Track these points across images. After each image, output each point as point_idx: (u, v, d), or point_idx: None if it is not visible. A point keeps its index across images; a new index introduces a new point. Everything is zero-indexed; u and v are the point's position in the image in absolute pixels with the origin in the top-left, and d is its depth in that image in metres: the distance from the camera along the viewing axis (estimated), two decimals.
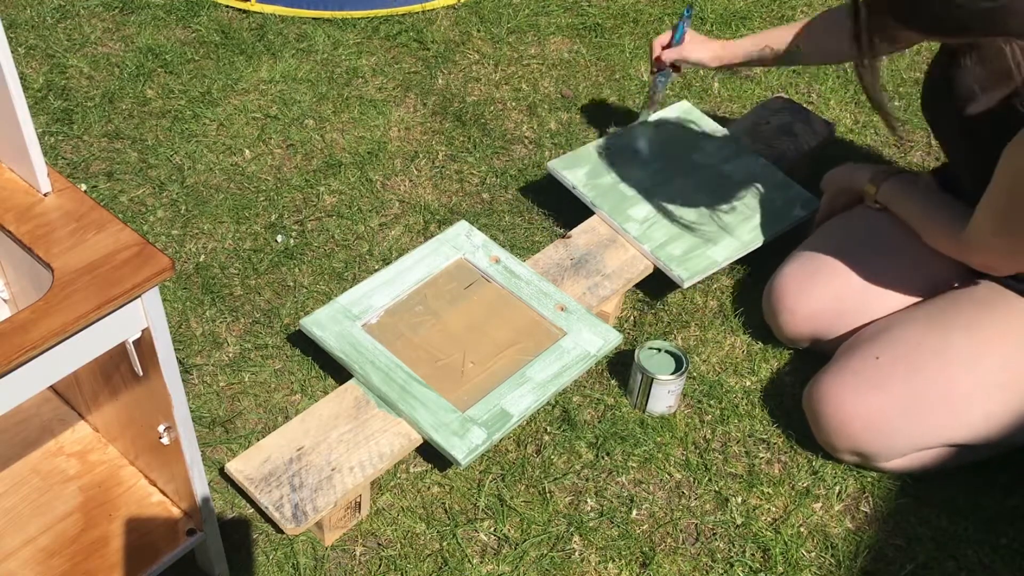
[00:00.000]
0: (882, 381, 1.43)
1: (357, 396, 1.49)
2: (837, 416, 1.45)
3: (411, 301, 1.62)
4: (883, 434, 1.43)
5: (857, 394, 1.44)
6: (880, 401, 1.42)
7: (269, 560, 1.39)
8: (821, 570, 1.41)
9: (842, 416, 1.44)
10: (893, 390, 1.42)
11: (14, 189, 1.01)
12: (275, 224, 1.88)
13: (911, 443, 1.44)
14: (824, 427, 1.47)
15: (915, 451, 1.45)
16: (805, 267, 1.61)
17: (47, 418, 1.34)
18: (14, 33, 2.27)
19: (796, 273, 1.62)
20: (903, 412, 1.41)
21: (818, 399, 1.48)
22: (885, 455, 1.45)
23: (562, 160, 1.84)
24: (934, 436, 1.43)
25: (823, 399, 1.47)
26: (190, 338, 1.67)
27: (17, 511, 1.25)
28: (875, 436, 1.43)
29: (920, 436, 1.43)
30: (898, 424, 1.42)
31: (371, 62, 2.24)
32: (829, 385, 1.47)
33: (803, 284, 1.60)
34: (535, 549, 1.42)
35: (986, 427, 1.41)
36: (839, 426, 1.45)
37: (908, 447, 1.44)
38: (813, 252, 1.62)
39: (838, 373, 1.47)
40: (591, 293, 1.67)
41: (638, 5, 2.45)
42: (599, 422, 1.57)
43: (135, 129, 2.06)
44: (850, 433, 1.44)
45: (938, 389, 1.41)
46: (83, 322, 0.91)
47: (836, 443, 1.47)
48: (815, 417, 1.49)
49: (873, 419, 1.43)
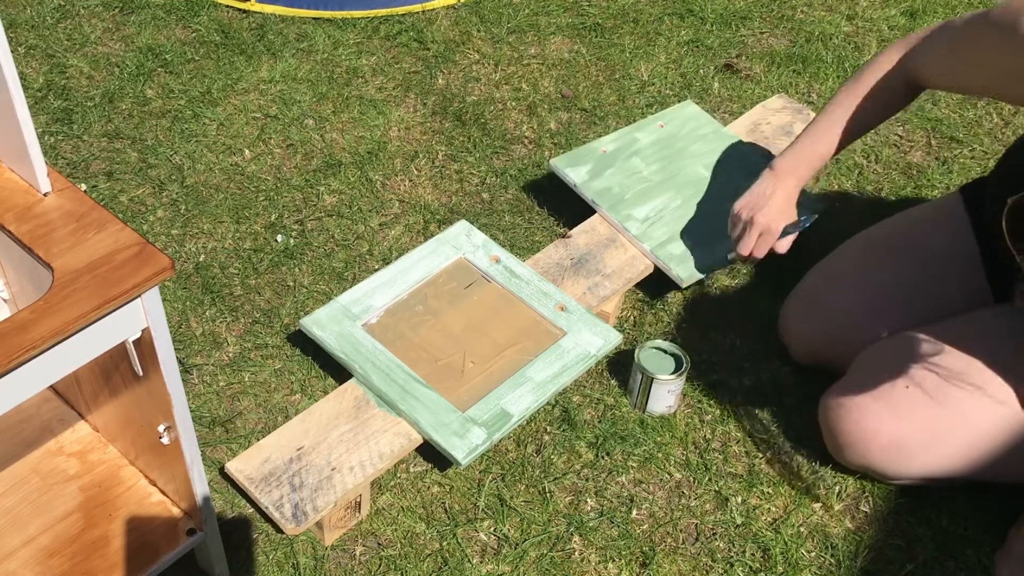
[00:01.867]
0: (911, 411, 1.39)
1: (357, 396, 1.49)
2: (856, 437, 1.42)
3: (411, 301, 1.62)
4: (899, 459, 1.40)
5: (880, 420, 1.40)
6: (905, 430, 1.39)
7: (269, 560, 1.39)
8: (821, 570, 1.41)
9: (861, 438, 1.41)
10: (919, 422, 1.38)
11: (14, 189, 1.01)
12: (275, 224, 1.88)
13: (925, 471, 1.41)
14: (840, 444, 1.44)
15: (925, 478, 1.43)
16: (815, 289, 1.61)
17: (47, 418, 1.34)
18: (14, 33, 2.27)
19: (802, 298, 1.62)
20: (925, 444, 1.38)
21: (838, 417, 1.44)
22: (894, 476, 1.44)
23: (564, 158, 1.84)
24: (949, 468, 1.40)
25: (847, 418, 1.43)
26: (190, 338, 1.67)
27: (17, 511, 1.25)
28: (891, 460, 1.41)
29: (935, 467, 1.41)
30: (917, 453, 1.39)
31: (371, 62, 2.24)
32: (855, 405, 1.43)
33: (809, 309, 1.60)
34: (535, 549, 1.42)
35: (1002, 465, 1.39)
36: (856, 445, 1.42)
37: (922, 474, 1.42)
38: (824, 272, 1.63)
39: (864, 393, 1.43)
40: (591, 293, 1.67)
41: (638, 5, 2.45)
42: (599, 422, 1.57)
43: (135, 129, 2.05)
44: (868, 454, 1.42)
45: (965, 429, 1.37)
46: (83, 322, 0.91)
47: (851, 460, 1.45)
48: (832, 433, 1.46)
49: (893, 446, 1.40)
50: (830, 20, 2.41)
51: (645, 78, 2.23)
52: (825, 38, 2.36)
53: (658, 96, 2.18)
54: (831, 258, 1.64)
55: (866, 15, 2.44)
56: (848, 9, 2.45)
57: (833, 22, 2.41)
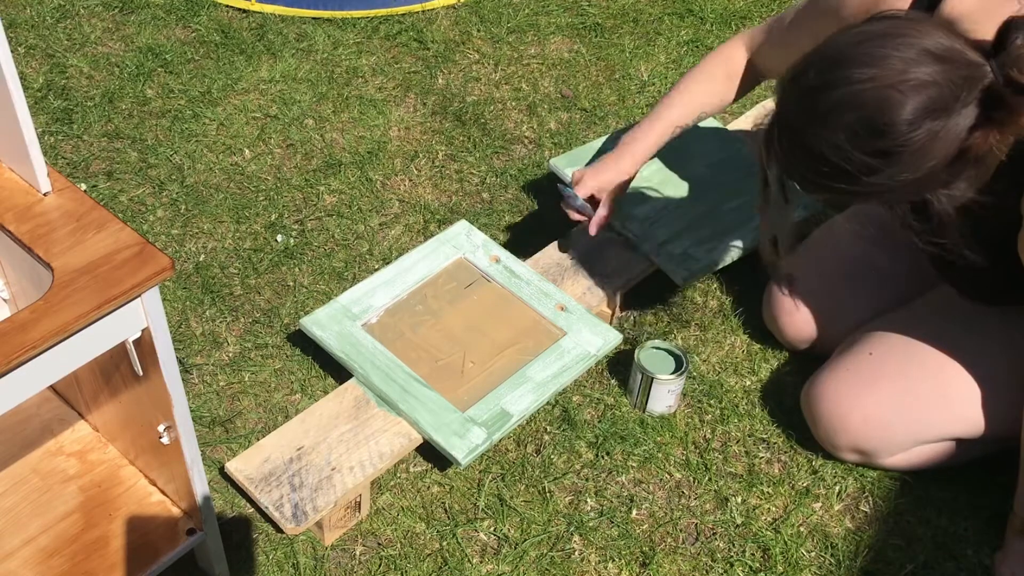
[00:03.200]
0: (876, 376, 1.43)
1: (357, 396, 1.49)
2: (834, 414, 1.45)
3: (411, 301, 1.62)
4: (880, 429, 1.43)
5: (852, 391, 1.44)
6: (875, 396, 1.42)
7: (269, 560, 1.39)
8: (821, 570, 1.41)
9: (839, 414, 1.45)
10: (887, 385, 1.42)
11: (14, 189, 1.01)
12: (275, 224, 1.88)
13: (909, 437, 1.44)
14: (823, 426, 1.48)
15: (914, 445, 1.45)
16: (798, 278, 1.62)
17: (47, 418, 1.34)
18: (14, 33, 2.27)
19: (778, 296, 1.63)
20: (898, 406, 1.42)
21: (814, 399, 1.48)
22: (885, 450, 1.45)
23: (563, 158, 1.84)
24: (931, 430, 1.43)
25: (819, 398, 1.47)
26: (190, 338, 1.67)
27: (17, 511, 1.25)
28: (873, 431, 1.43)
29: (917, 429, 1.43)
30: (894, 418, 1.42)
31: (371, 62, 2.24)
32: (825, 384, 1.48)
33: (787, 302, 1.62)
34: (535, 549, 1.42)
35: (982, 419, 1.41)
36: (837, 424, 1.45)
37: (907, 441, 1.44)
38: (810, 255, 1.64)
39: (833, 372, 1.48)
40: (591, 293, 1.67)
41: (638, 5, 2.45)
42: (599, 422, 1.57)
43: (135, 129, 2.06)
44: (848, 430, 1.45)
45: (932, 381, 1.41)
46: (83, 322, 0.91)
47: (836, 441, 1.47)
48: (813, 417, 1.49)
49: (869, 415, 1.43)
50: None
51: (645, 78, 2.23)
52: None
53: (658, 96, 2.18)
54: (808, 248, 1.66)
55: None
56: None
57: None
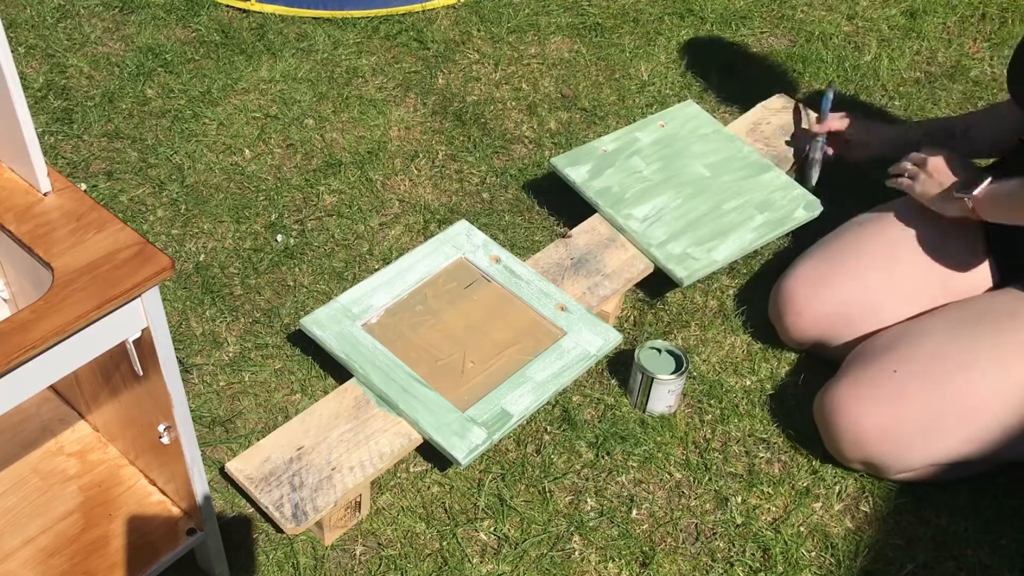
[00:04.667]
0: (900, 395, 1.39)
1: (357, 396, 1.49)
2: (852, 428, 1.42)
3: (411, 301, 1.62)
4: (898, 448, 1.40)
5: (874, 407, 1.40)
6: (898, 415, 1.39)
7: (269, 560, 1.39)
8: (821, 570, 1.41)
9: (857, 429, 1.41)
10: (911, 405, 1.38)
11: (14, 189, 1.01)
12: (275, 224, 1.88)
13: (926, 458, 1.41)
14: (837, 438, 1.45)
15: (929, 466, 1.43)
16: (816, 269, 1.59)
17: (47, 418, 1.34)
18: (14, 33, 2.27)
19: (807, 275, 1.60)
20: (921, 428, 1.39)
21: (832, 409, 1.45)
22: (897, 468, 1.43)
23: (564, 157, 1.84)
24: (951, 452, 1.40)
25: (838, 410, 1.44)
26: (190, 338, 1.67)
27: (17, 511, 1.25)
28: (890, 450, 1.41)
29: (936, 452, 1.40)
30: (915, 439, 1.39)
31: (371, 62, 2.24)
32: (844, 396, 1.43)
33: (812, 287, 1.58)
34: (535, 549, 1.42)
35: (1002, 447, 1.39)
36: (853, 438, 1.42)
37: (922, 462, 1.42)
38: (824, 255, 1.61)
39: (854, 384, 1.44)
40: (591, 293, 1.67)
41: (638, 5, 2.45)
42: (599, 422, 1.57)
43: (135, 129, 2.05)
44: (863, 445, 1.42)
45: (959, 405, 1.37)
46: (83, 322, 0.91)
47: (848, 454, 1.45)
48: (828, 427, 1.46)
49: (889, 433, 1.40)
50: (830, 20, 2.41)
51: (645, 78, 2.23)
52: (825, 38, 2.36)
53: (658, 96, 2.18)
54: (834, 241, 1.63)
55: (866, 15, 2.44)
56: (848, 9, 2.45)
57: (833, 22, 2.41)
